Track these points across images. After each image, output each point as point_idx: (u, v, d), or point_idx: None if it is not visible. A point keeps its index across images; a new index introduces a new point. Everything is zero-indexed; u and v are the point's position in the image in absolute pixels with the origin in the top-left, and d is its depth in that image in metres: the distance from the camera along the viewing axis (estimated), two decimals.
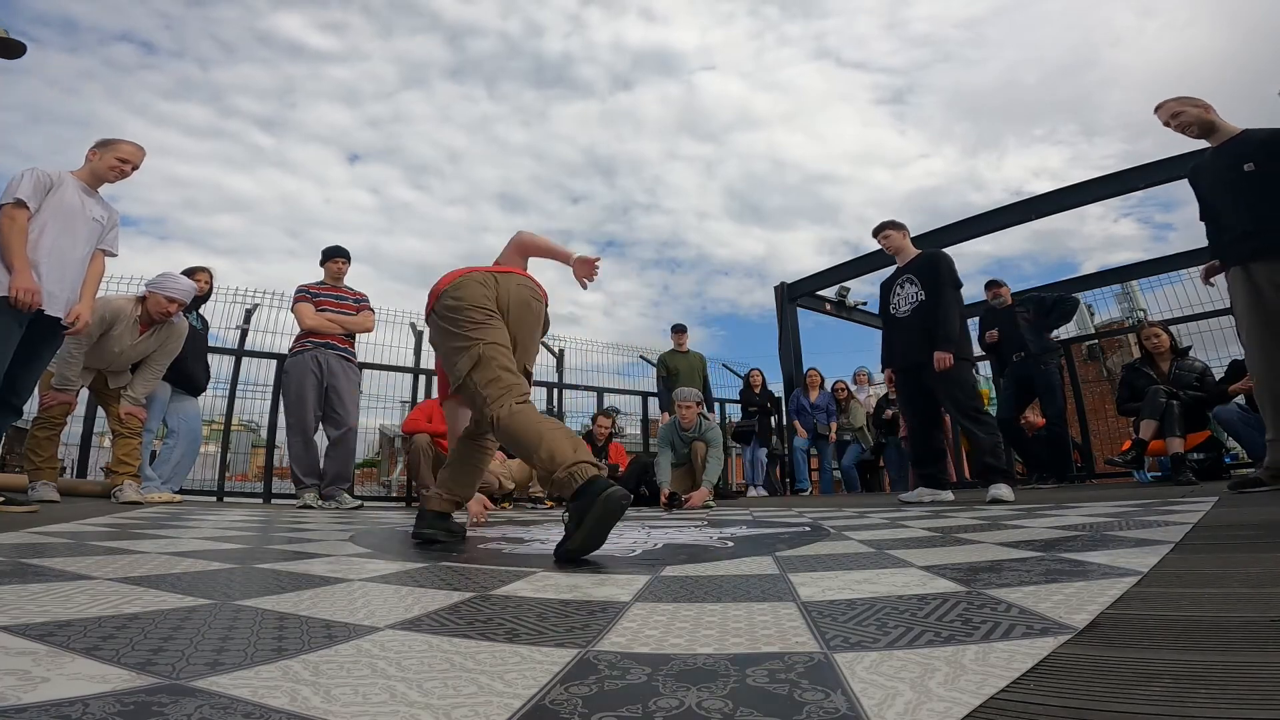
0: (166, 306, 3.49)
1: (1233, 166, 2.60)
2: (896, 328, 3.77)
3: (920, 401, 3.73)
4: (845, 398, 7.08)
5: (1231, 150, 2.63)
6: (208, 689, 0.53)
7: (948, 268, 3.65)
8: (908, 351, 3.67)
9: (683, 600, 0.93)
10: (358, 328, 4.26)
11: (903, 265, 3.86)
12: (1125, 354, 7.40)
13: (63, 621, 0.74)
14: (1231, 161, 2.61)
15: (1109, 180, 5.56)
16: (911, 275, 3.74)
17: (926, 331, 3.54)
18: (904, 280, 3.78)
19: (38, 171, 2.67)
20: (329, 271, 4.32)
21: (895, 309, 3.79)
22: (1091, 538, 1.44)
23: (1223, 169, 2.64)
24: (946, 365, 3.44)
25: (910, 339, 3.64)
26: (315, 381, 4.06)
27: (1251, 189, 2.53)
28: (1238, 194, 2.58)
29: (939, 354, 3.46)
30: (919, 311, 3.63)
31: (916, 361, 3.60)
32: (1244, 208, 2.56)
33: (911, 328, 3.63)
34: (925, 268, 3.70)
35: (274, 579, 1.13)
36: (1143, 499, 2.67)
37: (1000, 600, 0.83)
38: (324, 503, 4.07)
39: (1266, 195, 2.51)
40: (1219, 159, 2.67)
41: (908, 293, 3.73)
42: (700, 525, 2.50)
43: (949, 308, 3.55)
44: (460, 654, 0.65)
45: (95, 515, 2.47)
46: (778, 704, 0.50)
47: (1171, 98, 2.71)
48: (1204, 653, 0.58)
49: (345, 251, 4.37)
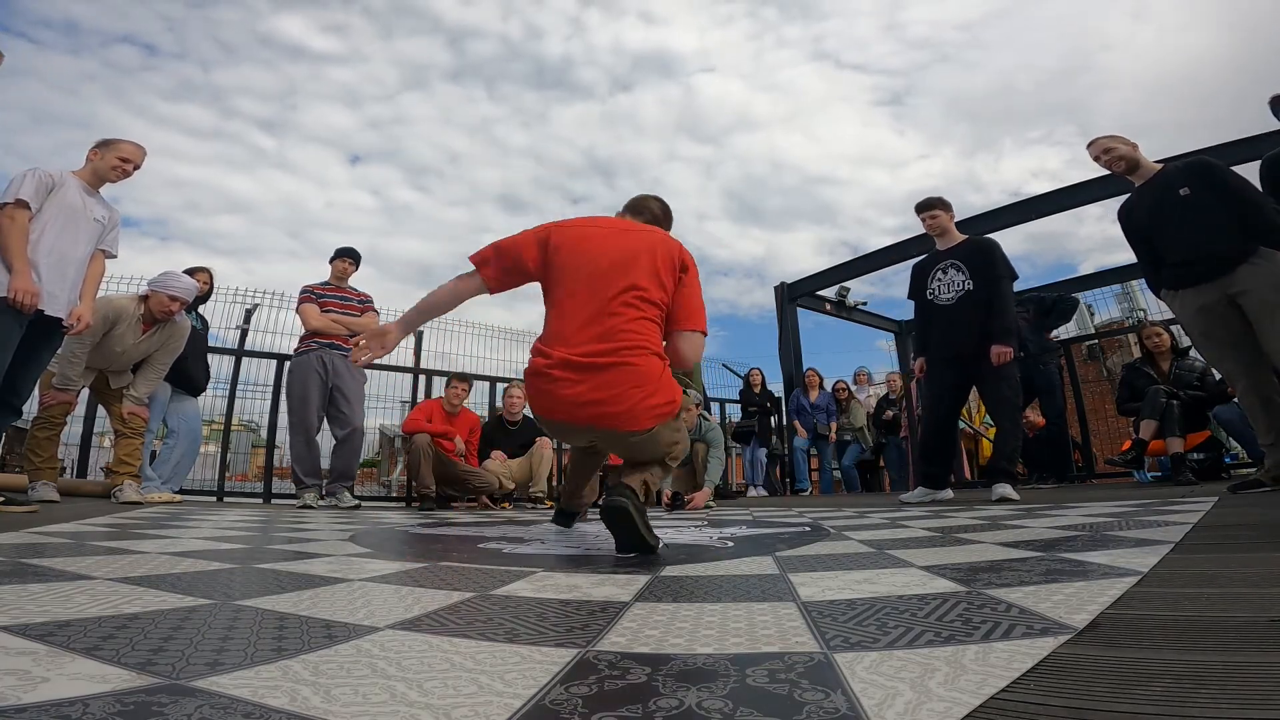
0: (169, 305, 3.48)
1: (1166, 195, 2.72)
2: (937, 315, 3.54)
3: (952, 396, 3.56)
4: (845, 398, 7.08)
5: (1160, 183, 2.77)
6: (208, 689, 0.53)
7: (1003, 257, 3.47)
8: (949, 341, 3.46)
9: (683, 600, 0.93)
10: (362, 329, 4.26)
11: (944, 249, 3.63)
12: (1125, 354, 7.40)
13: (63, 621, 0.74)
14: (1163, 192, 2.74)
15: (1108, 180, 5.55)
16: (957, 261, 3.51)
17: (973, 322, 3.36)
18: (947, 265, 3.54)
19: (39, 172, 2.67)
20: (334, 271, 4.31)
21: (935, 295, 3.54)
22: (1091, 538, 1.44)
23: (1156, 200, 2.76)
24: (1007, 359, 3.30)
25: (955, 329, 3.43)
26: (320, 381, 4.06)
27: (1189, 212, 2.64)
28: (1178, 220, 2.69)
29: (999, 348, 3.29)
30: (966, 301, 3.43)
31: (958, 353, 3.42)
32: (1186, 232, 2.66)
33: (957, 317, 3.42)
34: (977, 255, 3.49)
35: (274, 579, 1.12)
36: (1143, 499, 2.67)
37: (1000, 600, 0.83)
38: (324, 499, 4.07)
39: (1203, 217, 2.62)
40: (1149, 193, 2.80)
41: (952, 279, 3.49)
42: (700, 525, 2.50)
43: (1007, 300, 3.39)
44: (460, 654, 0.65)
45: (95, 515, 2.47)
46: (778, 704, 0.50)
47: (1104, 135, 2.87)
48: (1204, 653, 0.58)
49: (354, 252, 4.36)
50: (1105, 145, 2.84)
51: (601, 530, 2.24)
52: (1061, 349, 5.50)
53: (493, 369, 6.87)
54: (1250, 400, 2.61)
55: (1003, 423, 3.47)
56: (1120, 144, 2.83)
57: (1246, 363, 2.58)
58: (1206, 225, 2.60)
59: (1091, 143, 2.90)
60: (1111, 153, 2.82)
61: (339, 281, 4.31)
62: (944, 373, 3.54)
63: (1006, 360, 3.31)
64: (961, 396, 3.62)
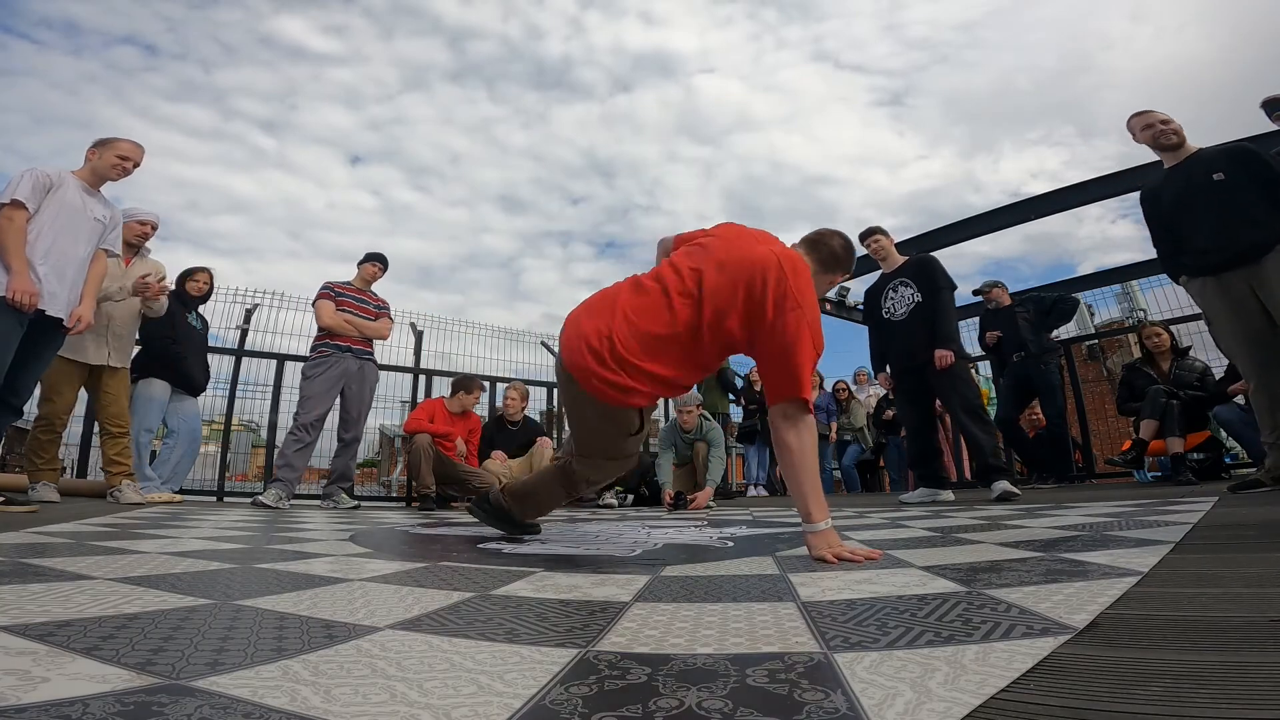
0: (141, 230, 3.64)
1: (1198, 178, 2.66)
2: (893, 331, 3.80)
3: (922, 402, 3.77)
4: (845, 398, 7.08)
5: (1193, 165, 2.70)
6: (208, 689, 0.53)
7: (943, 270, 3.74)
8: (908, 353, 3.69)
9: (683, 600, 0.93)
10: (372, 333, 4.27)
11: (890, 271, 3.90)
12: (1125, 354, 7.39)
13: (63, 621, 0.74)
14: (1196, 175, 2.67)
15: (1108, 180, 5.56)
16: (905, 279, 3.77)
17: (926, 333, 3.57)
18: (896, 284, 3.81)
19: (37, 171, 2.66)
20: (361, 274, 4.33)
21: (890, 313, 3.81)
22: (1091, 538, 1.44)
23: (1186, 184, 2.70)
24: (949, 363, 3.48)
25: (910, 341, 3.66)
26: (337, 386, 4.08)
27: (1221, 197, 2.58)
28: (1207, 204, 2.62)
29: (941, 352, 3.50)
30: (917, 313, 3.66)
31: (919, 362, 3.62)
32: (1215, 217, 2.60)
33: (911, 330, 3.65)
34: (920, 271, 3.75)
35: (274, 579, 1.12)
36: (1143, 499, 2.67)
37: (1000, 600, 0.83)
38: (322, 502, 4.07)
39: (1235, 202, 2.56)
40: (1179, 175, 2.74)
41: (903, 295, 3.75)
42: (700, 525, 2.50)
43: (947, 308, 3.62)
44: (460, 654, 0.65)
45: (95, 515, 2.47)
46: (778, 704, 0.50)
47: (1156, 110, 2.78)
48: (1204, 653, 0.58)
49: (383, 258, 4.38)
50: (1163, 117, 2.73)
51: (602, 530, 2.24)
52: (1062, 349, 5.50)
53: (493, 369, 6.86)
54: (1259, 398, 2.56)
55: (969, 425, 3.55)
56: (1175, 121, 2.72)
57: (1261, 360, 2.53)
58: (1238, 211, 2.54)
59: (1140, 114, 2.79)
60: (1170, 125, 2.72)
61: (364, 285, 4.33)
62: (907, 383, 3.78)
63: (949, 364, 3.50)
64: (929, 401, 3.78)
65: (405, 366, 6.18)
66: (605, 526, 2.45)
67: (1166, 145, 2.77)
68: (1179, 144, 2.75)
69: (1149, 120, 2.77)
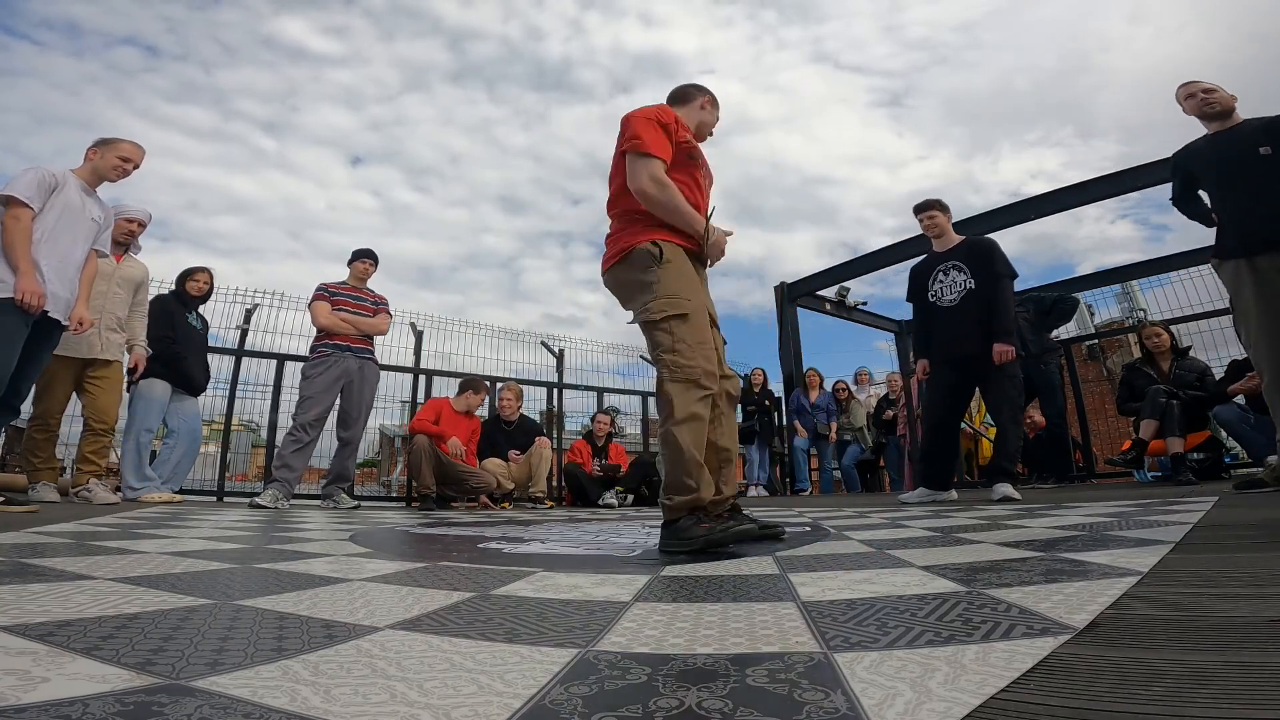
0: (128, 226, 3.63)
1: (1246, 152, 2.51)
2: (940, 317, 3.52)
3: (955, 396, 3.56)
4: (845, 398, 7.09)
5: (1237, 138, 2.56)
6: (208, 689, 0.53)
7: (1003, 256, 3.46)
8: (955, 342, 3.44)
9: (683, 600, 0.93)
10: (371, 329, 4.27)
11: (942, 250, 3.62)
12: (1125, 354, 7.39)
13: (63, 621, 0.74)
14: (1242, 146, 2.53)
15: (1108, 180, 5.55)
16: (958, 262, 3.49)
17: (979, 323, 3.34)
18: (948, 266, 3.52)
19: (41, 170, 2.65)
20: (353, 272, 4.35)
21: (937, 297, 3.53)
22: (1091, 538, 1.44)
23: (1231, 153, 2.56)
24: (1009, 358, 3.29)
25: (960, 329, 3.40)
26: (337, 385, 4.09)
27: (1264, 175, 2.45)
28: (1247, 180, 2.49)
29: (1001, 347, 3.27)
30: (970, 300, 3.41)
31: (966, 353, 3.40)
32: (1260, 195, 2.46)
33: (961, 318, 3.40)
34: (976, 254, 3.48)
35: (274, 579, 1.12)
36: (1143, 499, 2.67)
37: (1000, 600, 0.83)
38: (322, 502, 4.07)
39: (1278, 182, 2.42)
40: (1224, 142, 2.60)
41: (954, 280, 3.47)
42: None
43: (1008, 299, 3.39)
44: (460, 654, 0.65)
45: (95, 515, 2.47)
46: (778, 704, 0.50)
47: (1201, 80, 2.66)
48: (1204, 653, 0.58)
49: (373, 254, 4.40)
50: (1208, 85, 2.63)
51: (602, 530, 2.24)
52: (1062, 349, 5.50)
53: (493, 369, 6.87)
54: (1273, 395, 2.48)
55: (1005, 422, 3.45)
56: (1222, 89, 2.63)
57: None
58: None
59: (1185, 84, 2.69)
60: (1215, 93, 2.62)
61: (358, 282, 4.34)
62: (948, 374, 3.53)
63: (1009, 359, 3.31)
64: (965, 398, 3.61)
65: (405, 366, 6.19)
66: (605, 526, 2.45)
67: (1210, 114, 2.65)
68: (1223, 111, 2.63)
69: (1191, 90, 2.67)
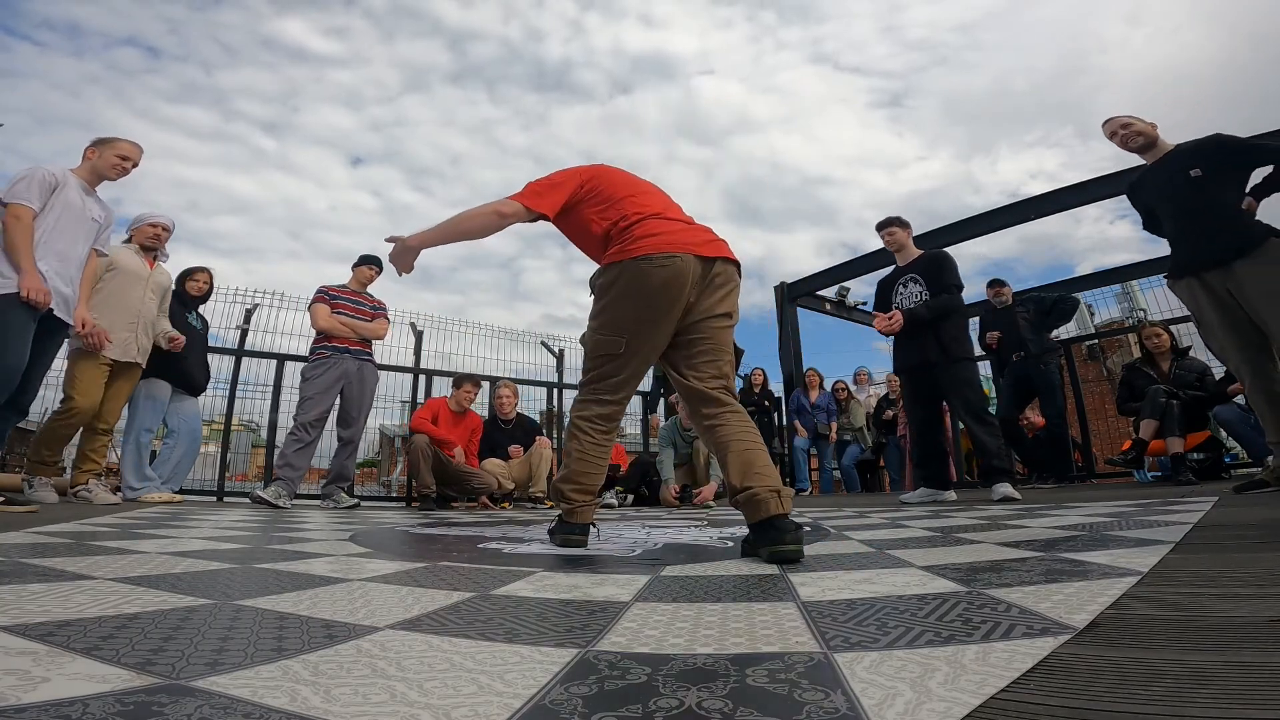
0: (155, 231, 3.67)
1: (1176, 176, 2.64)
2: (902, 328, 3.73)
3: (926, 401, 3.72)
4: (845, 398, 7.09)
5: (1169, 163, 2.69)
6: (208, 689, 0.53)
7: (953, 268, 3.66)
8: (914, 351, 3.64)
9: (683, 600, 0.93)
10: (369, 333, 4.28)
11: (903, 265, 3.83)
12: (1125, 354, 7.40)
13: (63, 621, 0.74)
14: (1173, 173, 2.66)
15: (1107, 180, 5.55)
16: (915, 275, 3.70)
17: (933, 332, 3.52)
18: (907, 279, 3.74)
19: (42, 170, 2.65)
20: (356, 276, 4.35)
21: (899, 308, 3.74)
22: (1091, 538, 1.44)
23: (1165, 181, 2.69)
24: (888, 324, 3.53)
25: (915, 339, 3.61)
26: (337, 386, 4.09)
27: (1198, 196, 2.57)
28: (1183, 204, 2.62)
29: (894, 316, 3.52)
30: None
31: (923, 361, 3.57)
32: (1192, 218, 2.59)
33: (916, 328, 3.60)
34: (930, 267, 3.68)
35: (274, 579, 1.12)
36: (1143, 499, 2.67)
37: (1000, 600, 0.83)
38: (322, 501, 4.07)
39: (1212, 202, 2.55)
40: (1159, 173, 2.73)
41: (911, 292, 3.69)
42: (700, 525, 2.50)
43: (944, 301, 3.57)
44: (460, 654, 0.65)
45: (95, 515, 2.47)
46: (778, 704, 0.50)
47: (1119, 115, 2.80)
48: (1204, 653, 0.58)
49: (378, 260, 4.39)
50: (1123, 120, 2.76)
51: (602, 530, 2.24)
52: (1062, 349, 5.50)
53: (493, 369, 6.87)
54: (1257, 399, 2.55)
55: (970, 426, 3.53)
56: (1138, 121, 2.75)
57: (1251, 360, 2.52)
58: (1214, 211, 2.53)
59: (1107, 121, 2.83)
60: (1130, 128, 2.74)
61: (359, 287, 4.34)
62: (914, 381, 3.73)
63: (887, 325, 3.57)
64: (937, 400, 3.73)
65: (405, 366, 6.19)
66: (605, 526, 2.45)
67: (1133, 148, 2.78)
68: (1146, 145, 2.75)
69: (1113, 126, 2.79)
